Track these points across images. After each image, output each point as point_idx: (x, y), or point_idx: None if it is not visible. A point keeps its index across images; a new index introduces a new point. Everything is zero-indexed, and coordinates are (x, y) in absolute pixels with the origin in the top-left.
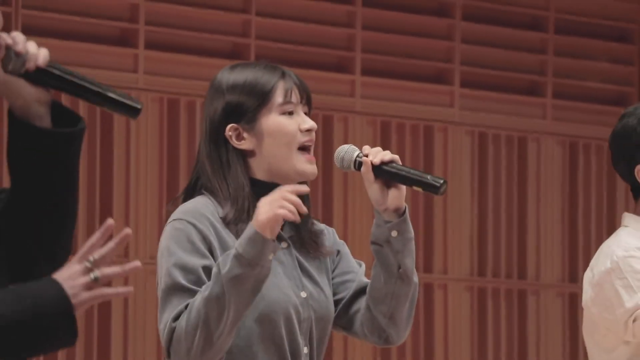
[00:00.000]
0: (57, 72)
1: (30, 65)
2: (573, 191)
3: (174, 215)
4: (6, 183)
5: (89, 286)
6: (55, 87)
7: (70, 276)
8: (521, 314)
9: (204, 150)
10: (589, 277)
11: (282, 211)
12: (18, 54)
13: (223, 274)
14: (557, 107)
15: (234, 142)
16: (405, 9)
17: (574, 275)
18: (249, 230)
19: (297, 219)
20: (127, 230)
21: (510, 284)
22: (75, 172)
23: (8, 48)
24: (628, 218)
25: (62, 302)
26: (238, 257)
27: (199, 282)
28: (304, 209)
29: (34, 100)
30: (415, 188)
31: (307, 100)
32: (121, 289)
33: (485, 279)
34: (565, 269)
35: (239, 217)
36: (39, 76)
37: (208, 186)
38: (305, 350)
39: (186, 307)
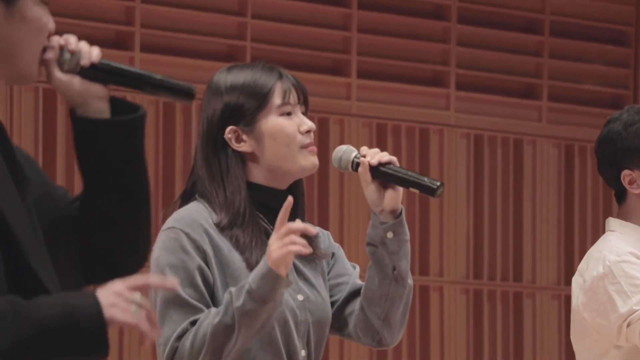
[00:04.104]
0: (110, 67)
1: (85, 62)
2: (569, 194)
3: (167, 224)
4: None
5: (125, 309)
6: (111, 81)
7: (113, 293)
8: (517, 317)
9: (201, 154)
10: (580, 283)
11: (294, 247)
12: (72, 53)
13: (236, 307)
14: (552, 110)
15: (233, 145)
16: (401, 11)
17: (570, 277)
18: (262, 266)
19: (310, 251)
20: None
21: (506, 286)
22: (143, 160)
23: (62, 48)
24: (614, 223)
25: (95, 315)
26: (251, 292)
27: (198, 295)
28: (310, 250)
29: (92, 96)
30: (412, 190)
31: (304, 100)
32: (150, 335)
33: (481, 281)
34: (561, 271)
35: (233, 221)
36: (94, 73)
37: (203, 191)
38: (303, 353)
39: (191, 323)
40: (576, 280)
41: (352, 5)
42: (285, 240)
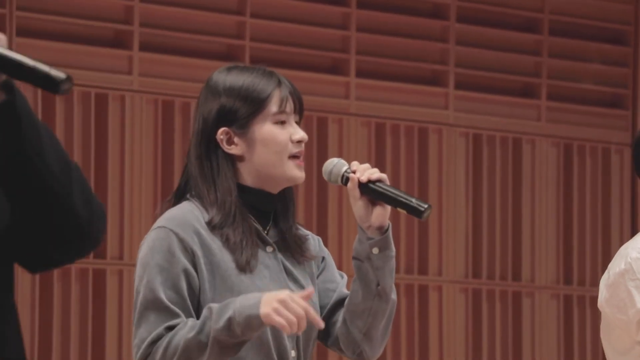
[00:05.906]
0: None
1: None
2: (567, 193)
3: (158, 223)
4: None
5: None
6: None
7: None
8: (516, 316)
9: (194, 152)
10: (605, 279)
11: (284, 323)
12: None
13: (212, 330)
14: (551, 109)
15: (225, 147)
16: (400, 10)
17: (569, 277)
18: (253, 309)
19: (293, 332)
20: None
21: (505, 285)
22: (34, 145)
23: None
24: None
25: None
26: (231, 325)
27: (178, 298)
28: (302, 326)
29: None
30: (399, 210)
31: (299, 109)
32: None
33: (480, 280)
34: (560, 270)
35: (224, 221)
36: None
37: (195, 190)
38: (293, 353)
39: (166, 329)
40: (603, 277)
41: (351, 4)
42: (289, 310)
